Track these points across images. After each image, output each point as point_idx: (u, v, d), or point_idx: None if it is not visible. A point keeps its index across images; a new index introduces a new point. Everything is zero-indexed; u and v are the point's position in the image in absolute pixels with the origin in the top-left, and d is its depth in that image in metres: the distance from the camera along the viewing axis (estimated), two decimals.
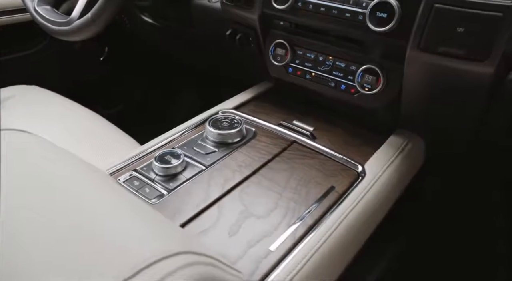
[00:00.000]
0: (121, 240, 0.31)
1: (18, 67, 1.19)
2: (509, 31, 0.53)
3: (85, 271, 0.27)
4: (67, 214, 0.33)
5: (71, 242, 0.30)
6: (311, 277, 0.48)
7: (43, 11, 0.83)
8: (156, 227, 0.34)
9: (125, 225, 0.33)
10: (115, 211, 0.35)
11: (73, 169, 0.40)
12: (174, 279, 0.28)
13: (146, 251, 0.29)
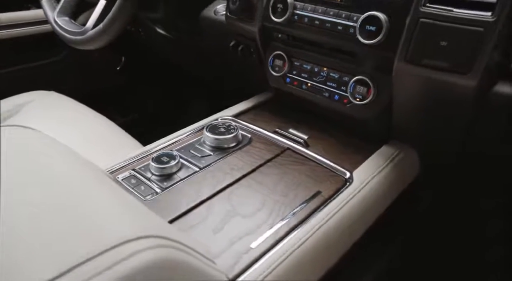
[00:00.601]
0: (99, 222, 0.34)
1: (40, 74, 1.27)
2: (491, 45, 0.55)
3: (61, 245, 0.31)
4: (56, 199, 0.37)
5: (55, 220, 0.33)
6: (290, 274, 0.50)
7: (61, 22, 0.90)
8: (132, 214, 0.37)
9: (106, 210, 0.36)
10: (99, 199, 0.38)
11: (68, 161, 0.44)
12: (139, 258, 0.31)
13: (118, 233, 0.33)
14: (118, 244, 0.32)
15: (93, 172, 0.45)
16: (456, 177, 0.88)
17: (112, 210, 0.37)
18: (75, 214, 0.35)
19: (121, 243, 0.32)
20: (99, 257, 0.30)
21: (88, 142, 0.82)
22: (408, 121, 0.71)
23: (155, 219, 0.40)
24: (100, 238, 0.32)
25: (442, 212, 0.93)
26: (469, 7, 0.55)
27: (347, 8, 0.66)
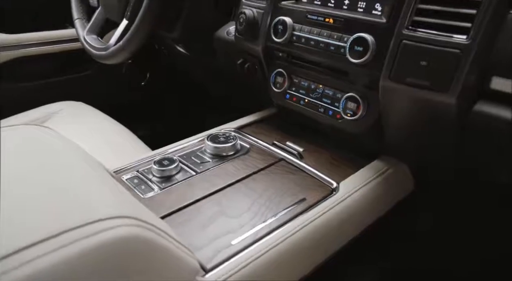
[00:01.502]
0: (88, 201, 0.40)
1: (72, 86, 1.39)
2: (467, 66, 0.58)
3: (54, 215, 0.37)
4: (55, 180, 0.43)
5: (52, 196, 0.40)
6: (263, 271, 0.54)
7: (90, 39, 1.00)
8: (118, 199, 0.43)
9: (96, 193, 0.42)
10: (92, 184, 0.44)
11: (72, 154, 0.51)
12: (115, 231, 0.37)
13: (102, 211, 0.39)
14: (100, 219, 0.37)
15: (93, 165, 0.51)
16: (456, 198, 0.89)
17: (101, 194, 0.43)
18: (70, 193, 0.41)
19: (103, 219, 0.37)
20: (82, 227, 0.36)
21: (102, 146, 0.90)
22: (398, 137, 0.74)
23: (138, 206, 0.45)
24: (86, 213, 0.38)
25: (443, 236, 0.93)
26: (446, 31, 0.59)
27: (339, 30, 0.71)
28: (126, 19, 0.91)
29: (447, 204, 0.89)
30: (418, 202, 0.85)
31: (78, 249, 0.34)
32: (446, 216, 0.92)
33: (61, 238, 0.34)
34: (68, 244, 0.34)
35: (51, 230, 0.35)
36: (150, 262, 0.39)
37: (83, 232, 0.35)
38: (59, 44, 1.27)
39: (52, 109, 1.14)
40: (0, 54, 1.22)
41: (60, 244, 0.34)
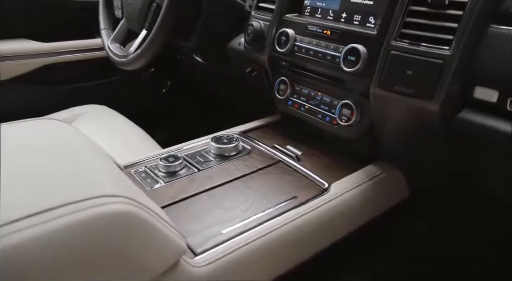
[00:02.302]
0: (91, 181, 0.47)
1: (99, 90, 1.49)
2: (449, 76, 0.62)
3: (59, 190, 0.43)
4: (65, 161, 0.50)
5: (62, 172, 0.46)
6: (249, 258, 0.59)
7: (113, 47, 1.09)
8: (118, 182, 0.49)
9: (99, 176, 0.49)
10: (98, 169, 0.51)
11: (82, 142, 0.58)
12: (109, 207, 0.43)
13: (101, 189, 0.45)
14: (97, 196, 0.43)
15: (102, 156, 0.58)
16: (452, 204, 0.90)
17: (102, 176, 0.49)
18: (75, 174, 0.47)
19: (100, 196, 0.44)
20: (83, 202, 0.42)
21: (117, 144, 0.98)
22: (390, 142, 0.78)
23: (136, 190, 0.51)
24: (87, 191, 0.44)
25: (439, 241, 0.95)
26: (431, 42, 0.63)
27: (335, 41, 0.76)
28: (145, 29, 0.99)
29: (443, 211, 0.91)
30: (414, 208, 0.87)
31: (74, 219, 0.40)
32: (442, 222, 0.93)
33: (62, 209, 0.40)
34: (65, 215, 0.40)
35: (54, 202, 0.41)
36: (139, 237, 0.45)
37: (81, 206, 0.41)
38: (87, 52, 1.38)
39: (79, 111, 1.24)
40: (36, 60, 1.33)
41: (59, 214, 0.40)
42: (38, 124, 0.60)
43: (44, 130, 0.58)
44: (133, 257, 0.44)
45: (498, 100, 0.61)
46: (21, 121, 0.61)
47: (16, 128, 0.58)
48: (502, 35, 0.59)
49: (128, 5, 1.05)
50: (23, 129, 0.57)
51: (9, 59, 1.28)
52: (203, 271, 0.55)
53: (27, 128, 0.58)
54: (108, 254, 0.42)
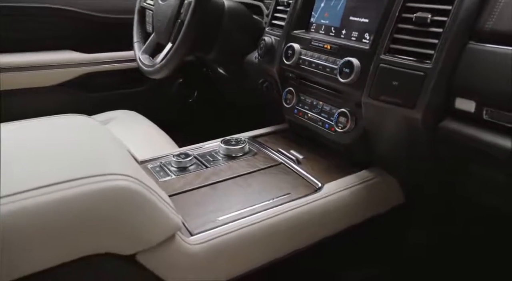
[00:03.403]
0: (103, 161, 0.56)
1: (130, 98, 1.63)
2: (430, 86, 0.68)
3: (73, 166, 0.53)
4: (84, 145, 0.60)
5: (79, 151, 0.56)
6: (239, 242, 0.66)
7: (143, 58, 1.22)
8: (126, 165, 0.59)
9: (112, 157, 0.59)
10: (112, 152, 0.61)
11: (102, 132, 0.68)
12: (114, 183, 0.52)
13: (109, 168, 0.54)
14: (107, 173, 0.53)
15: (120, 147, 0.68)
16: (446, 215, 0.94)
17: (115, 160, 0.59)
18: (93, 155, 0.57)
19: (109, 173, 0.53)
20: (92, 177, 0.52)
21: (140, 143, 1.09)
22: (383, 149, 0.84)
23: (142, 173, 0.61)
24: (99, 168, 0.54)
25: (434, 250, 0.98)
26: (415, 56, 0.70)
27: (333, 54, 0.84)
28: (170, 43, 1.11)
29: (438, 219, 0.94)
30: (410, 215, 0.91)
31: (86, 190, 0.50)
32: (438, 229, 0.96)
33: (76, 182, 0.50)
34: (78, 186, 0.50)
35: (70, 176, 0.51)
36: (138, 210, 0.54)
37: (92, 180, 0.51)
38: (122, 62, 1.53)
39: (112, 115, 1.37)
40: (78, 69, 1.49)
41: (74, 185, 0.49)
42: (70, 118, 0.71)
43: (73, 121, 0.70)
44: (132, 226, 0.53)
45: (476, 110, 0.66)
46: (59, 115, 0.72)
47: (53, 119, 0.69)
48: (478, 51, 0.65)
49: (157, 21, 1.18)
50: (57, 120, 0.69)
51: (55, 68, 1.44)
52: (196, 248, 0.63)
53: (60, 119, 0.69)
54: (110, 221, 0.51)
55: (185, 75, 1.72)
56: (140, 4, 1.31)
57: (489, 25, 0.64)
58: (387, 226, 0.89)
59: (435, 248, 0.96)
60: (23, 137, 0.62)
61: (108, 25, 1.48)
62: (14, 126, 0.66)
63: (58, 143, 0.60)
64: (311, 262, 0.78)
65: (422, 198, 0.91)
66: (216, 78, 1.55)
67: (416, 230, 0.95)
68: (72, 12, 1.40)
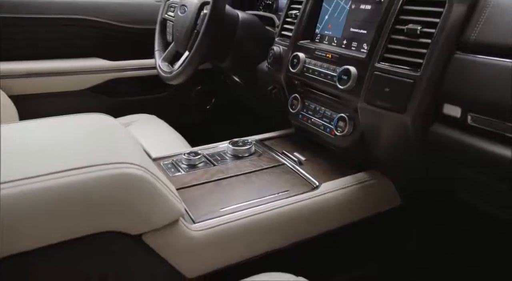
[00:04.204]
0: (117, 152, 0.64)
1: (150, 103, 1.73)
2: (419, 93, 0.73)
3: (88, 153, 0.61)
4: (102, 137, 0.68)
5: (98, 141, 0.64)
6: (237, 231, 0.73)
7: (162, 65, 1.32)
8: (138, 156, 0.66)
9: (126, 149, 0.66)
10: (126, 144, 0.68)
11: (118, 128, 0.76)
12: (124, 170, 0.60)
13: (120, 157, 0.62)
14: (120, 162, 0.61)
15: (132, 140, 0.76)
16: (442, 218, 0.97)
17: (128, 151, 0.66)
18: (109, 147, 0.65)
19: (122, 162, 0.61)
20: (106, 165, 0.59)
21: (156, 143, 1.17)
22: (378, 152, 0.88)
23: (152, 165, 0.68)
24: (114, 158, 0.61)
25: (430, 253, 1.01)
26: (405, 65, 0.75)
27: (334, 63, 0.90)
28: (187, 51, 1.20)
29: (436, 222, 0.98)
30: (406, 217, 0.95)
31: (102, 175, 0.57)
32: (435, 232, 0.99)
33: (93, 167, 0.58)
34: (95, 171, 0.57)
35: (89, 162, 0.58)
36: (145, 195, 0.61)
37: (107, 167, 0.59)
38: (144, 70, 1.63)
39: (133, 118, 1.47)
40: (103, 75, 1.61)
41: (91, 170, 0.57)
42: (93, 116, 0.80)
43: (95, 119, 0.78)
44: (139, 209, 0.60)
45: (461, 115, 0.71)
46: (84, 114, 0.81)
47: (78, 117, 0.78)
48: (464, 61, 0.70)
49: (176, 31, 1.27)
50: (81, 117, 0.78)
51: (83, 74, 1.56)
52: (198, 234, 0.70)
53: (84, 117, 0.78)
54: (120, 203, 0.59)
55: (203, 82, 1.82)
56: (162, 15, 1.41)
57: (473, 37, 0.69)
58: (383, 227, 0.93)
59: (432, 251, 0.99)
60: (51, 130, 0.71)
61: (133, 34, 1.60)
62: (44, 122, 0.75)
63: (79, 136, 0.68)
64: (304, 256, 0.83)
65: (419, 202, 0.94)
66: (232, 85, 1.63)
67: (414, 233, 0.98)
68: (100, 22, 1.53)
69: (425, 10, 0.74)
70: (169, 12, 1.39)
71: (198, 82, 1.81)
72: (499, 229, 0.88)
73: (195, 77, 1.48)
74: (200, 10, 1.20)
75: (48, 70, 1.49)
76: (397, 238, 0.98)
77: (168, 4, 1.41)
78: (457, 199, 0.88)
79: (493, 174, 0.72)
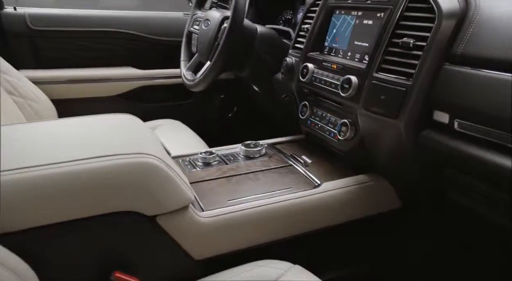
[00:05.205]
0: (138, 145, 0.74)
1: (176, 109, 1.86)
2: (411, 100, 0.79)
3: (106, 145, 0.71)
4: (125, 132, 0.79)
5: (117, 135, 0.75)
6: (240, 220, 0.81)
7: (186, 74, 1.44)
8: (153, 148, 0.76)
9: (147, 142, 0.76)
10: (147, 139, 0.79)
11: (143, 127, 0.87)
12: (140, 159, 0.69)
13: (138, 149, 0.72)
14: (140, 152, 0.71)
15: (153, 137, 0.86)
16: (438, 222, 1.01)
17: (149, 145, 0.76)
18: (132, 140, 0.76)
19: (142, 153, 0.71)
20: (127, 154, 0.69)
21: (178, 144, 1.28)
22: (376, 156, 0.95)
23: (168, 157, 0.78)
24: (135, 149, 0.71)
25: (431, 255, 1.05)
26: (399, 75, 0.82)
27: (338, 73, 0.98)
28: (209, 61, 1.31)
29: (434, 225, 1.02)
30: (405, 220, 1.01)
31: (123, 162, 0.67)
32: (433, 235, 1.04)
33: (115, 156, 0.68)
34: (116, 159, 0.67)
35: (112, 151, 0.69)
36: (160, 181, 0.70)
37: (128, 156, 0.69)
38: (171, 78, 1.77)
39: (158, 123, 1.60)
40: (134, 83, 1.75)
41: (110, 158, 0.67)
42: (121, 116, 0.91)
43: (123, 119, 0.89)
44: (154, 193, 0.70)
45: (449, 121, 0.77)
46: (114, 114, 0.93)
47: (109, 116, 0.90)
48: (451, 72, 0.76)
49: (200, 43, 1.39)
50: (111, 117, 0.89)
51: (116, 81, 1.71)
52: (205, 221, 0.79)
53: (113, 116, 0.89)
54: (137, 187, 0.68)
55: (227, 91, 1.93)
56: (188, 28, 1.54)
57: (459, 50, 0.76)
58: (381, 228, 0.99)
59: (430, 254, 1.03)
60: (83, 126, 0.82)
61: (161, 46, 1.74)
62: (78, 119, 0.87)
63: (106, 131, 0.79)
64: (303, 249, 0.90)
65: (418, 204, 1.00)
66: (251, 94, 1.73)
67: (412, 235, 1.03)
68: (132, 35, 1.68)
69: (417, 25, 0.81)
70: (194, 26, 1.52)
71: (221, 91, 1.93)
72: (494, 230, 0.91)
73: (218, 86, 1.62)
74: (221, 24, 1.31)
75: (85, 78, 1.65)
76: (396, 238, 1.03)
77: (194, 18, 1.53)
78: (450, 200, 0.93)
79: (478, 176, 0.77)
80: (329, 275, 0.91)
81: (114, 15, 1.73)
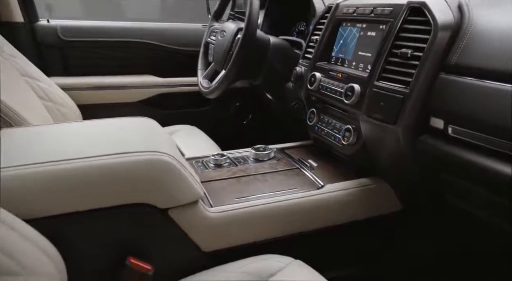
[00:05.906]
0: (153, 143, 0.82)
1: (193, 116, 1.94)
2: (408, 107, 0.84)
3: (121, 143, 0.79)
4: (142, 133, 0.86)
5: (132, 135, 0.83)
6: (247, 217, 0.87)
7: (203, 82, 1.52)
8: (167, 147, 0.83)
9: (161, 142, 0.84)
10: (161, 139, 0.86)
11: (158, 127, 0.94)
12: (154, 156, 0.77)
13: (153, 147, 0.79)
14: (155, 150, 0.78)
15: (168, 138, 0.94)
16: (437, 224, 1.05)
17: (164, 144, 0.84)
18: (149, 140, 0.83)
19: (157, 151, 0.78)
20: (143, 152, 0.77)
21: (194, 147, 1.36)
22: (378, 160, 1.00)
23: (181, 157, 0.85)
24: (151, 147, 0.79)
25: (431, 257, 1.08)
26: (398, 83, 0.87)
27: (342, 81, 1.04)
28: (224, 70, 1.39)
29: (435, 228, 1.05)
30: (406, 222, 1.05)
31: (140, 158, 0.75)
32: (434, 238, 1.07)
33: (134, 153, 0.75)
34: (134, 156, 0.75)
35: (130, 149, 0.76)
36: (172, 177, 0.77)
37: (144, 153, 0.76)
38: (189, 86, 1.86)
39: (176, 128, 1.69)
40: (154, 90, 1.85)
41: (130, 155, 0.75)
42: (140, 119, 0.99)
43: (141, 121, 0.97)
44: (166, 187, 0.77)
45: (443, 127, 0.81)
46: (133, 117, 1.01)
47: (128, 118, 0.98)
48: (446, 81, 0.81)
49: (216, 52, 1.48)
50: (131, 119, 0.97)
51: (137, 88, 1.81)
52: (214, 216, 0.85)
53: (133, 119, 0.97)
54: (151, 181, 0.75)
55: (242, 99, 2.01)
56: (206, 39, 1.63)
57: (454, 61, 0.80)
58: (382, 229, 1.03)
59: (429, 256, 1.07)
60: (105, 126, 0.91)
61: (180, 55, 1.84)
62: (101, 121, 0.95)
63: (125, 131, 0.87)
64: (305, 246, 0.95)
65: (418, 207, 1.04)
66: (265, 101, 1.80)
67: (412, 237, 1.07)
68: (152, 44, 1.79)
69: (415, 37, 0.86)
70: (211, 36, 1.60)
71: (237, 99, 2.01)
72: (493, 233, 0.94)
73: (234, 94, 1.70)
74: (235, 35, 1.39)
75: (108, 85, 1.77)
76: (396, 240, 1.07)
77: (211, 29, 1.62)
78: (449, 203, 0.96)
79: (475, 180, 0.81)
80: (329, 274, 0.95)
81: (137, 26, 1.85)
